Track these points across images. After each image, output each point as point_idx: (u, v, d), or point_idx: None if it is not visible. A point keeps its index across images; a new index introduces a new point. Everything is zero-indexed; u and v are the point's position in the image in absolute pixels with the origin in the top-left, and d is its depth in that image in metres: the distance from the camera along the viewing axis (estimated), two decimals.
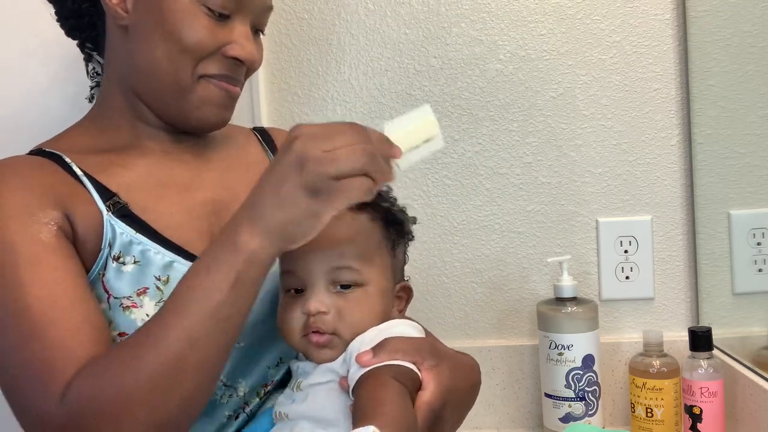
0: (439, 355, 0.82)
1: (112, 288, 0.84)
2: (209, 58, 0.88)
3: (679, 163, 1.30)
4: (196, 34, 0.87)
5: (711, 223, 1.27)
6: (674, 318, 1.32)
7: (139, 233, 0.86)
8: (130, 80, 0.91)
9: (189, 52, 0.87)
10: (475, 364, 0.94)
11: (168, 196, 0.91)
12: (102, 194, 0.87)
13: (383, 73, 1.31)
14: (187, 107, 0.90)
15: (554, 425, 1.21)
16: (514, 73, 1.30)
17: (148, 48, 0.88)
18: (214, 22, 0.87)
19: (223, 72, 0.90)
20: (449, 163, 1.32)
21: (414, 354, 0.80)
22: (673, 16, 1.29)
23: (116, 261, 0.85)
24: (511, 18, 1.30)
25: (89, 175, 0.88)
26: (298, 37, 1.31)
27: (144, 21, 0.88)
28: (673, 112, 1.30)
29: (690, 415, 1.13)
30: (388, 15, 1.31)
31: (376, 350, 0.79)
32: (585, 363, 1.19)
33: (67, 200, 0.85)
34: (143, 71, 0.89)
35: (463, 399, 0.86)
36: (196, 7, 0.87)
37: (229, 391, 0.90)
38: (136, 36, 0.89)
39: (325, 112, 1.32)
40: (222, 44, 0.88)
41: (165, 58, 0.87)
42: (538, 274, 1.33)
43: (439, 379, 0.80)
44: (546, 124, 1.31)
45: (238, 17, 0.89)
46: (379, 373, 0.77)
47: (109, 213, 0.86)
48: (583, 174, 1.31)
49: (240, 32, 0.89)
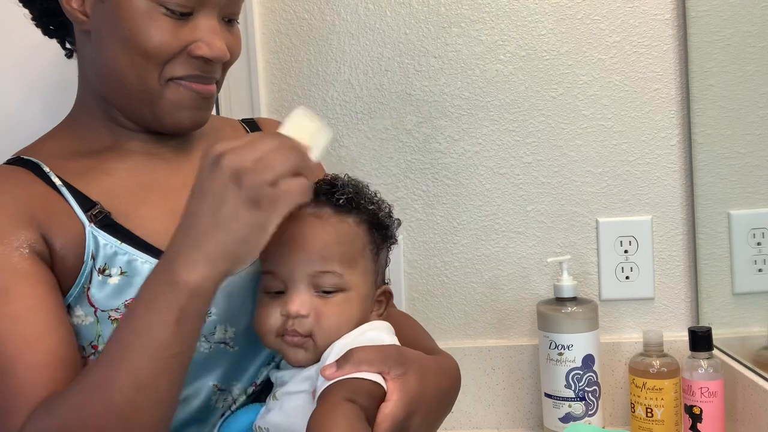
0: (405, 363, 0.80)
1: (97, 302, 0.83)
2: (175, 60, 0.84)
3: (679, 163, 1.30)
4: (156, 38, 0.82)
5: (711, 223, 1.27)
6: (674, 318, 1.32)
7: (124, 243, 0.84)
8: (99, 86, 0.88)
9: (151, 57, 0.83)
10: (452, 365, 0.91)
11: (151, 200, 0.88)
12: (82, 204, 0.84)
13: (383, 73, 1.31)
14: (159, 112, 0.87)
15: (554, 425, 1.21)
16: (514, 73, 1.30)
17: (110, 55, 0.84)
18: (174, 22, 0.83)
19: (192, 72, 0.85)
20: (449, 163, 1.32)
21: (379, 364, 0.78)
22: (673, 16, 1.29)
23: (101, 274, 0.83)
24: (511, 18, 1.30)
25: (68, 183, 0.85)
26: (298, 37, 1.31)
27: (103, 26, 0.84)
28: (673, 112, 1.30)
29: (690, 415, 1.13)
30: (388, 15, 1.31)
31: (340, 362, 0.77)
32: (585, 363, 1.19)
33: (43, 216, 0.82)
34: (109, 78, 0.86)
35: (434, 404, 0.83)
36: (154, 9, 0.82)
37: (223, 395, 0.89)
38: (98, 42, 0.86)
39: (325, 112, 1.32)
40: (186, 44, 0.84)
41: (128, 65, 0.83)
42: (538, 274, 1.33)
43: (403, 389, 0.77)
44: (546, 124, 1.31)
45: (201, 12, 0.84)
46: (331, 396, 0.75)
47: (91, 224, 0.83)
48: (583, 174, 1.31)
49: (205, 28, 0.84)
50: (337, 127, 1.32)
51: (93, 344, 0.84)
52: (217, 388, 0.88)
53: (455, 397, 0.90)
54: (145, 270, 0.83)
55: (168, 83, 0.85)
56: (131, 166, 0.90)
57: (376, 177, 1.31)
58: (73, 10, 0.85)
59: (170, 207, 0.88)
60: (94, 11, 0.84)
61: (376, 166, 1.32)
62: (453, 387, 0.89)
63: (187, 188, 0.90)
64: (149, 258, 0.84)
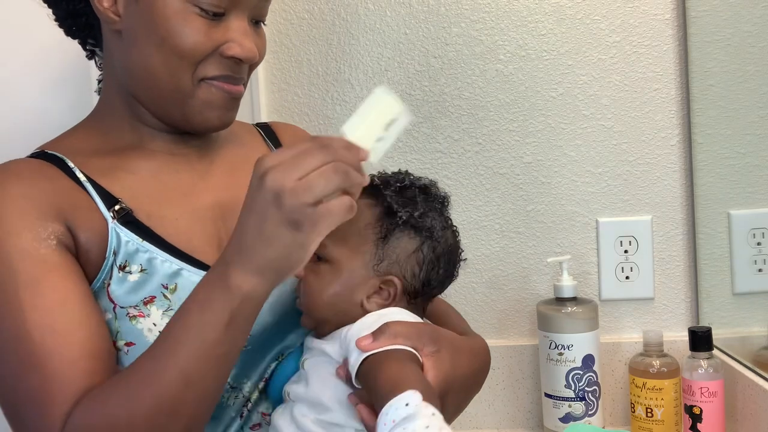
0: (439, 341, 0.81)
1: (117, 298, 0.83)
2: (207, 60, 0.85)
3: (679, 163, 1.30)
4: (191, 38, 0.83)
5: (711, 223, 1.27)
6: (674, 318, 1.32)
7: (145, 241, 0.85)
8: (128, 85, 0.89)
9: (186, 57, 0.84)
10: (482, 347, 0.92)
11: (173, 200, 0.89)
12: (106, 200, 0.85)
13: (383, 73, 1.31)
14: (189, 112, 0.88)
15: (554, 425, 1.21)
16: (514, 73, 1.30)
17: (143, 54, 0.85)
18: (208, 22, 0.84)
19: (224, 72, 0.86)
20: (449, 163, 1.32)
21: (415, 339, 0.79)
22: (673, 16, 1.29)
23: (122, 270, 0.83)
24: (511, 18, 1.30)
25: (92, 180, 0.86)
26: (298, 37, 1.31)
27: (136, 26, 0.85)
28: (673, 112, 1.30)
29: (690, 415, 1.13)
30: (388, 15, 1.31)
31: (376, 335, 0.78)
32: (585, 363, 1.19)
33: (69, 209, 0.83)
34: (141, 77, 0.87)
35: (465, 385, 0.84)
36: (188, 9, 0.83)
37: (234, 393, 0.89)
38: (129, 41, 0.86)
39: (325, 112, 1.32)
40: (219, 44, 0.85)
41: (162, 64, 0.84)
42: (538, 274, 1.33)
43: (439, 367, 0.79)
44: (546, 124, 1.31)
45: (233, 13, 0.85)
46: (393, 355, 0.76)
47: (114, 221, 0.84)
48: (583, 174, 1.31)
49: (237, 29, 0.85)
50: (336, 127, 1.32)
51: (111, 341, 0.84)
52: (230, 386, 0.89)
53: (484, 377, 0.92)
54: (164, 269, 0.84)
55: (200, 83, 0.86)
56: (154, 165, 0.90)
57: None
58: (105, 10, 0.85)
59: (191, 209, 0.90)
60: (126, 11, 0.85)
61: (376, 165, 1.32)
62: (483, 368, 0.91)
63: (207, 192, 0.92)
64: (169, 257, 0.85)
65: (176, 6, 0.83)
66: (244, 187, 0.93)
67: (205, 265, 0.86)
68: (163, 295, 0.84)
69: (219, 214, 0.92)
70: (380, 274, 0.87)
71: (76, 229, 0.83)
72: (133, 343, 0.83)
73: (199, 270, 0.86)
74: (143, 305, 0.83)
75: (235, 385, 0.89)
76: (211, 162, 0.95)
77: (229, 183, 0.94)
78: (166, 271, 0.85)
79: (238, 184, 0.94)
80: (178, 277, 0.85)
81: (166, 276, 0.85)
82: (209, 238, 0.89)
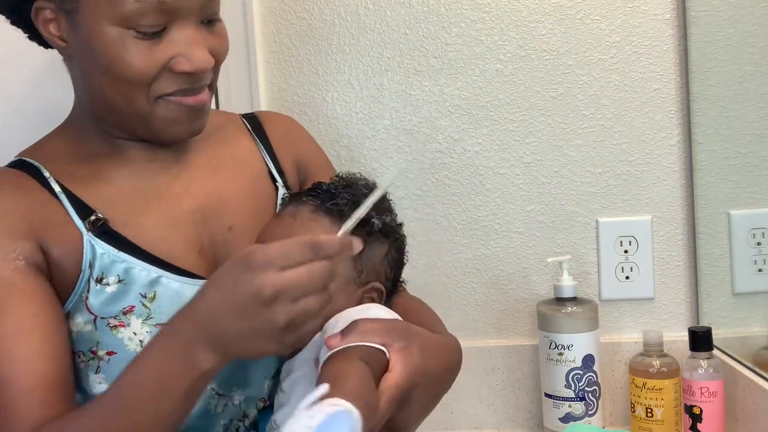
0: (409, 337, 0.81)
1: (96, 310, 0.83)
2: (158, 78, 0.81)
3: (679, 163, 1.30)
4: (135, 64, 0.79)
5: (711, 223, 1.27)
6: (674, 318, 1.32)
7: (122, 251, 0.84)
8: (91, 106, 0.87)
9: (134, 83, 0.81)
10: (454, 345, 0.91)
11: (152, 208, 0.88)
12: (80, 211, 0.84)
13: (383, 73, 1.31)
14: (154, 129, 0.85)
15: (554, 425, 1.21)
16: (514, 73, 1.30)
17: (94, 81, 0.83)
18: (148, 43, 0.80)
19: (180, 87, 0.83)
20: (449, 163, 1.32)
21: (384, 335, 0.79)
22: (673, 16, 1.29)
23: (99, 283, 0.83)
24: (511, 18, 1.30)
25: (67, 189, 0.85)
26: (298, 37, 1.31)
27: (81, 54, 0.83)
28: (673, 112, 1.30)
29: (690, 415, 1.13)
30: (388, 15, 1.31)
31: (345, 332, 0.78)
32: (585, 363, 1.19)
33: (41, 226, 0.82)
34: (98, 101, 0.85)
35: (435, 381, 0.84)
36: (125, 34, 0.79)
37: (223, 400, 0.89)
38: (80, 67, 0.84)
39: (325, 112, 1.32)
40: (165, 62, 0.81)
41: (113, 90, 0.82)
42: (538, 274, 1.32)
43: (407, 361, 0.78)
44: (546, 124, 1.31)
45: (174, 25, 0.81)
46: (346, 352, 0.77)
47: (89, 233, 0.83)
48: (583, 174, 1.31)
49: (181, 41, 0.81)
50: (336, 127, 1.32)
51: (92, 350, 0.84)
52: (216, 393, 0.88)
53: (455, 376, 0.91)
54: (142, 278, 0.84)
55: (157, 101, 0.83)
56: (130, 172, 0.89)
57: (376, 177, 1.30)
58: (51, 36, 0.83)
59: (170, 215, 0.89)
60: (70, 38, 0.82)
61: (376, 166, 1.32)
62: (454, 366, 0.90)
63: (188, 194, 0.90)
64: (147, 265, 0.84)
65: (113, 33, 0.79)
66: (226, 189, 0.92)
67: (185, 272, 0.86)
68: (143, 305, 0.84)
69: (200, 218, 0.90)
70: (361, 284, 0.88)
71: (49, 245, 0.82)
72: (114, 352, 0.83)
73: (178, 276, 0.85)
74: (123, 315, 0.83)
75: (222, 393, 0.89)
76: (189, 164, 0.93)
77: (212, 186, 0.93)
78: (144, 279, 0.84)
79: (220, 186, 0.93)
80: (157, 285, 0.84)
81: (144, 285, 0.84)
82: (191, 244, 0.88)
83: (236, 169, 0.96)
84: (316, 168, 1.04)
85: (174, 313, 0.76)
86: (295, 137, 1.06)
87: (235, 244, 0.90)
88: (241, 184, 0.95)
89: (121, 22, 0.78)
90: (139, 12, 0.78)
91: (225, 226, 0.91)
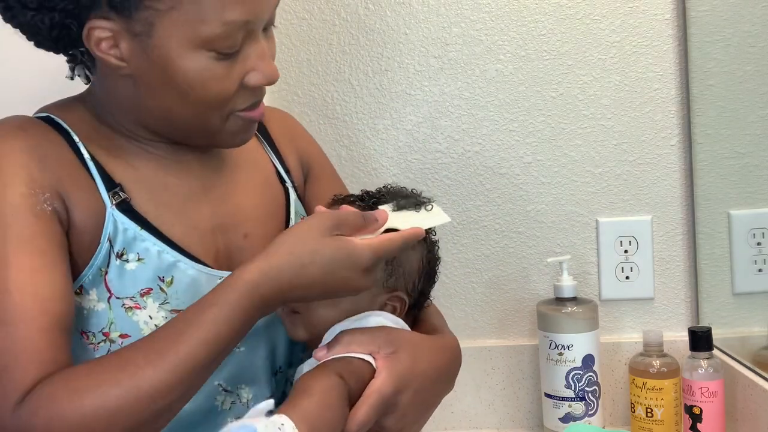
0: (396, 342, 0.82)
1: (114, 288, 0.82)
2: (234, 96, 0.82)
3: (679, 163, 1.30)
4: (216, 87, 0.79)
5: (711, 223, 1.27)
6: (674, 318, 1.32)
7: (143, 229, 0.83)
8: (140, 117, 0.85)
9: (213, 104, 0.81)
10: (449, 344, 0.91)
11: (172, 204, 0.87)
12: (106, 183, 0.83)
13: (383, 73, 1.31)
14: (217, 140, 0.86)
15: (554, 425, 1.21)
16: (514, 73, 1.30)
17: (164, 102, 0.81)
18: (227, 63, 0.79)
19: (251, 101, 0.84)
20: (449, 163, 1.32)
21: (368, 344, 0.80)
22: (673, 16, 1.29)
23: (119, 258, 0.82)
24: (511, 18, 1.30)
25: (95, 159, 0.84)
26: (298, 37, 1.31)
27: (150, 77, 0.80)
28: (673, 112, 1.30)
29: (690, 415, 1.13)
30: (388, 15, 1.31)
31: (331, 344, 0.80)
32: (585, 363, 1.19)
33: (68, 184, 0.81)
34: (160, 117, 0.84)
35: (427, 382, 0.84)
36: (204, 56, 0.78)
37: (231, 398, 0.88)
38: (144, 88, 0.81)
39: (325, 112, 1.32)
40: (242, 79, 0.81)
41: (187, 112, 0.81)
42: (538, 274, 1.32)
43: (393, 366, 0.79)
44: (546, 124, 1.31)
45: (247, 41, 0.80)
46: (322, 366, 0.78)
47: (112, 206, 0.82)
48: (583, 174, 1.31)
49: (254, 56, 0.81)
50: (337, 127, 1.32)
51: (104, 331, 0.82)
52: (222, 389, 0.88)
53: (454, 374, 0.91)
54: (161, 260, 0.83)
55: (229, 117, 0.84)
56: (156, 166, 0.88)
57: (376, 177, 1.31)
58: (105, 55, 0.79)
59: (189, 215, 0.88)
60: (134, 60, 0.79)
61: (376, 166, 1.32)
62: (449, 365, 0.90)
63: (208, 200, 0.90)
64: (166, 247, 0.84)
65: (192, 56, 0.78)
66: (241, 194, 0.92)
67: (201, 261, 0.86)
68: (160, 288, 0.83)
69: (218, 225, 0.90)
70: (388, 289, 0.88)
71: (73, 206, 0.81)
72: (128, 335, 0.81)
73: (195, 263, 0.85)
74: (140, 297, 0.82)
75: (229, 389, 0.88)
76: (210, 168, 0.93)
77: (228, 191, 0.93)
78: (163, 262, 0.83)
79: (235, 191, 0.93)
80: (174, 269, 0.84)
81: (162, 268, 0.83)
82: (207, 250, 0.88)
83: (249, 172, 0.96)
84: (317, 165, 1.06)
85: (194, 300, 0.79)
86: (293, 132, 1.06)
87: (248, 252, 0.90)
88: (255, 189, 0.95)
89: (202, 46, 0.77)
90: (224, 34, 0.77)
91: (241, 234, 0.92)
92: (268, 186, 0.97)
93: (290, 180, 0.99)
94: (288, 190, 0.98)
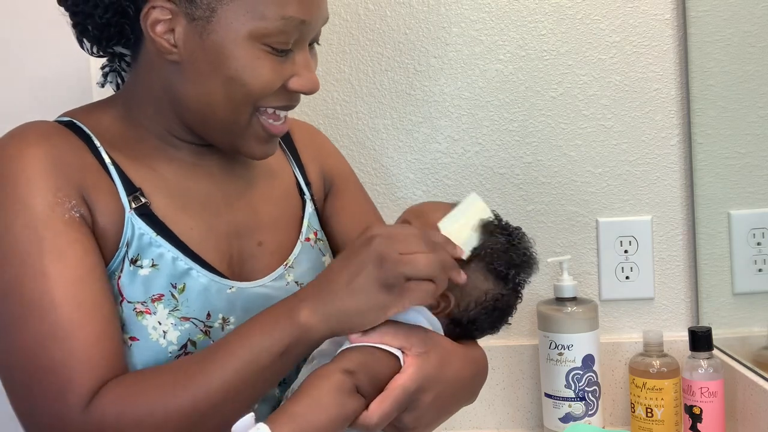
0: (429, 344, 0.83)
1: (126, 292, 0.82)
2: (273, 93, 0.84)
3: (679, 163, 1.30)
4: (263, 78, 0.82)
5: (711, 223, 1.27)
6: (674, 318, 1.32)
7: (159, 235, 0.84)
8: (175, 108, 0.86)
9: (254, 95, 0.83)
10: (479, 356, 0.92)
11: (191, 208, 0.88)
12: (126, 187, 0.84)
13: (383, 73, 1.31)
14: (239, 142, 0.87)
15: (554, 425, 1.21)
16: (514, 73, 1.30)
17: (204, 89, 0.83)
18: (277, 59, 0.82)
19: (283, 103, 0.86)
20: (449, 163, 1.32)
21: (402, 339, 0.81)
22: (673, 16, 1.29)
23: (133, 264, 0.82)
24: (511, 18, 1.30)
25: (116, 163, 0.85)
26: None
27: (199, 61, 0.82)
28: (673, 112, 1.30)
29: (690, 415, 1.13)
30: (388, 15, 1.31)
31: (368, 330, 0.80)
32: (585, 363, 1.19)
33: (91, 188, 0.82)
34: (195, 109, 0.85)
35: (450, 388, 0.85)
36: (258, 48, 0.81)
37: None
38: (188, 74, 0.83)
39: (325, 111, 1.32)
40: (286, 79, 0.84)
41: (224, 100, 0.83)
42: (538, 274, 1.31)
43: (420, 365, 0.80)
44: (546, 124, 1.31)
45: (297, 46, 0.84)
46: (333, 363, 0.79)
47: (131, 210, 0.83)
48: (583, 174, 1.31)
49: (301, 62, 0.85)
50: (337, 127, 1.32)
51: None
52: None
53: (478, 387, 0.93)
54: (174, 267, 0.84)
55: (254, 114, 0.85)
56: (176, 170, 0.89)
57: (376, 177, 1.31)
58: (158, 38, 0.81)
59: (207, 220, 0.89)
60: (187, 45, 0.81)
61: (376, 166, 1.32)
62: (474, 377, 0.91)
63: (226, 205, 0.91)
64: (180, 254, 0.84)
65: (246, 46, 0.81)
66: (259, 202, 0.93)
67: (215, 269, 0.86)
68: (171, 294, 0.83)
69: (234, 231, 0.91)
70: None
71: (97, 211, 0.82)
72: (136, 339, 0.82)
73: (207, 272, 0.85)
74: (150, 302, 0.82)
75: None
76: (230, 174, 0.94)
77: (246, 198, 0.94)
78: (177, 269, 0.84)
79: (257, 202, 0.94)
80: (186, 276, 0.84)
81: (175, 275, 0.84)
82: (221, 254, 0.88)
83: (270, 181, 0.97)
84: (341, 181, 1.06)
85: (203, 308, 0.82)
86: (319, 146, 1.07)
87: (261, 260, 0.92)
88: (274, 198, 0.96)
89: (258, 38, 0.80)
90: (280, 29, 0.81)
91: (255, 241, 0.92)
92: (287, 196, 0.98)
93: (309, 192, 1.00)
94: (306, 202, 0.99)
